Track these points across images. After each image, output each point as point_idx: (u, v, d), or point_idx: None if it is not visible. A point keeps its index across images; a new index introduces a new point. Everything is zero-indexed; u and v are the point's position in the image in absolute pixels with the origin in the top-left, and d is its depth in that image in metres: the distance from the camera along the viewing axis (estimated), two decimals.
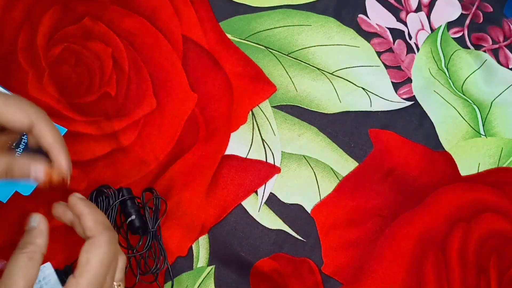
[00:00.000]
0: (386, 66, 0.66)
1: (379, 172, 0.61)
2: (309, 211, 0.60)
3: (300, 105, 0.63)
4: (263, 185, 0.60)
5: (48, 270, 0.40)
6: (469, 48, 0.67)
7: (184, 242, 0.58)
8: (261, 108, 0.63)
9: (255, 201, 0.60)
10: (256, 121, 0.62)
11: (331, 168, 0.61)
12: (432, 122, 0.64)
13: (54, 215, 0.44)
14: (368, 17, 0.67)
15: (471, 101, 0.65)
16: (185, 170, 0.60)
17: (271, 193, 0.60)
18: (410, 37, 0.67)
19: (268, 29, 0.65)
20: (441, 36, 0.68)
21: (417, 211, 0.60)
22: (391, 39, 0.67)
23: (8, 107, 0.38)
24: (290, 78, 0.64)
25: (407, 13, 0.68)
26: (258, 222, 0.59)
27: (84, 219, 0.41)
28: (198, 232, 0.58)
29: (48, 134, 0.40)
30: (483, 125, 0.64)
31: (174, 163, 0.60)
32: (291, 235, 0.59)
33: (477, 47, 0.68)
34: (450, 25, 0.68)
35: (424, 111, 0.64)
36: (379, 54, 0.66)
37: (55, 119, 0.59)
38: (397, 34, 0.67)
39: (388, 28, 0.67)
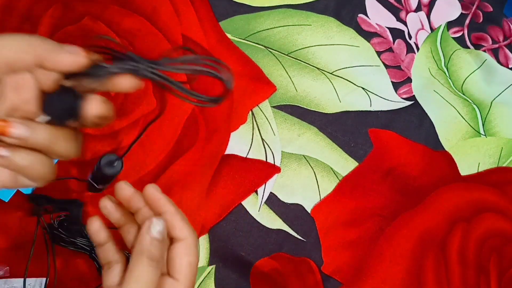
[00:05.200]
0: (386, 66, 0.66)
1: (379, 172, 0.61)
2: (309, 211, 0.60)
3: (300, 105, 0.63)
4: (263, 185, 0.60)
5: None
6: (469, 48, 0.67)
7: None
8: (261, 108, 0.63)
9: (255, 200, 0.60)
10: (256, 121, 0.62)
11: (331, 168, 0.61)
12: (432, 122, 0.64)
13: (102, 211, 0.38)
14: (368, 16, 0.67)
15: (471, 101, 0.65)
16: (185, 170, 0.59)
17: (271, 192, 0.60)
18: (410, 37, 0.67)
19: (268, 29, 0.65)
20: (441, 35, 0.68)
21: (417, 211, 0.60)
22: (391, 39, 0.67)
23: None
24: (290, 78, 0.64)
25: (407, 12, 0.68)
26: (258, 222, 0.59)
27: (173, 218, 0.37)
28: (198, 231, 0.58)
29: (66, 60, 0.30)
30: (483, 125, 0.64)
31: (174, 163, 0.60)
32: (291, 234, 0.59)
33: (477, 46, 0.68)
34: (450, 24, 0.68)
35: (424, 111, 0.64)
36: (379, 53, 0.66)
37: None
38: (397, 33, 0.67)
39: (388, 28, 0.67)
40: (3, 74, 0.29)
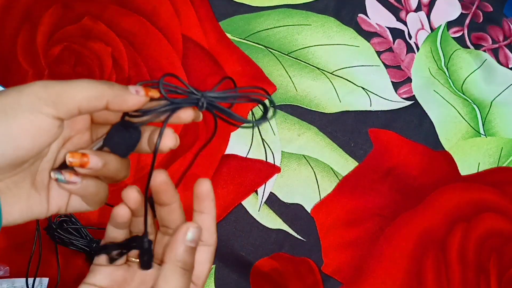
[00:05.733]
0: (386, 66, 0.66)
1: (379, 172, 0.61)
2: (309, 211, 0.60)
3: (300, 105, 0.63)
4: (263, 185, 0.60)
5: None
6: (469, 48, 0.67)
7: None
8: (261, 108, 0.63)
9: (255, 200, 0.60)
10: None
11: (331, 168, 0.61)
12: (432, 122, 0.64)
13: (125, 198, 0.34)
14: (368, 16, 0.67)
15: (471, 101, 0.65)
16: (185, 170, 0.59)
17: (271, 192, 0.60)
18: (410, 37, 0.67)
19: (268, 29, 0.65)
20: (441, 35, 0.68)
21: (417, 211, 0.60)
22: (391, 39, 0.67)
23: (71, 84, 0.29)
24: (290, 78, 0.64)
25: (407, 12, 0.68)
26: (258, 222, 0.59)
27: (212, 223, 0.36)
28: None
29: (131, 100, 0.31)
30: (483, 125, 0.64)
31: (174, 163, 0.60)
32: (291, 234, 0.59)
33: (477, 46, 0.68)
34: (450, 24, 0.68)
35: (424, 111, 0.64)
36: (379, 53, 0.66)
37: None
38: (397, 33, 0.67)
39: (388, 28, 0.67)
40: (72, 116, 0.30)
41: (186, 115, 0.33)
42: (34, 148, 0.29)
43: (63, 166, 0.32)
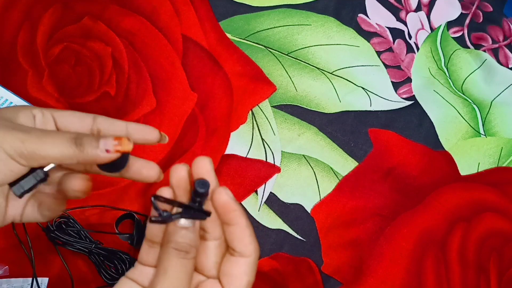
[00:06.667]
0: (386, 66, 0.66)
1: (379, 172, 0.61)
2: (309, 211, 0.60)
3: (300, 105, 0.63)
4: (263, 185, 0.60)
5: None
6: (469, 48, 0.67)
7: None
8: (261, 108, 0.63)
9: (255, 200, 0.60)
10: (256, 120, 0.62)
11: (331, 168, 0.61)
12: (432, 122, 0.64)
13: (173, 178, 0.32)
14: (368, 16, 0.67)
15: (471, 101, 0.65)
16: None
17: (271, 192, 0.60)
18: (410, 37, 0.67)
19: (268, 29, 0.65)
20: (441, 35, 0.68)
21: (417, 211, 0.60)
22: (391, 39, 0.67)
23: (46, 142, 0.31)
24: (290, 78, 0.64)
25: (407, 12, 0.68)
26: (258, 222, 0.59)
27: (243, 233, 0.33)
28: None
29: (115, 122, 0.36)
30: (483, 125, 0.64)
31: (174, 163, 0.60)
32: (291, 234, 0.59)
33: (477, 46, 0.68)
34: (450, 24, 0.68)
35: (424, 111, 0.64)
36: (379, 53, 0.66)
37: None
38: (397, 33, 0.67)
39: (388, 28, 0.67)
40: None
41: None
42: None
43: (28, 180, 0.32)
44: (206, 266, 0.33)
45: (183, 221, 0.31)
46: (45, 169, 0.32)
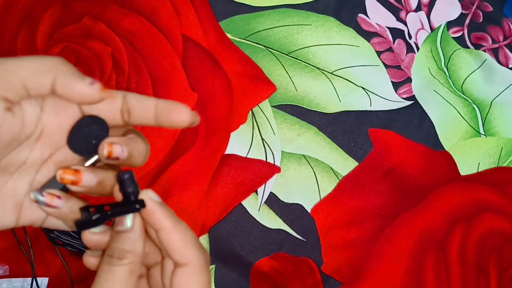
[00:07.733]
0: (386, 66, 0.66)
1: (379, 172, 0.61)
2: (309, 211, 0.60)
3: (300, 105, 0.63)
4: (263, 185, 0.60)
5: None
6: (469, 48, 0.67)
7: None
8: (261, 108, 0.63)
9: (255, 200, 0.60)
10: (256, 120, 0.62)
11: (331, 168, 0.61)
12: (432, 122, 0.64)
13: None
14: (368, 16, 0.67)
15: (471, 101, 0.65)
16: (185, 170, 0.59)
17: (271, 192, 0.60)
18: (410, 37, 0.67)
19: (268, 29, 0.65)
20: (441, 35, 0.68)
21: (417, 211, 0.60)
22: (391, 39, 0.67)
23: (18, 59, 0.27)
24: (290, 78, 0.64)
25: (407, 12, 0.68)
26: (258, 222, 0.59)
27: (170, 238, 0.29)
28: (198, 231, 0.58)
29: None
30: (483, 125, 0.64)
31: (174, 163, 0.60)
32: (291, 234, 0.59)
33: (477, 46, 0.68)
34: (450, 24, 0.68)
35: (424, 111, 0.64)
36: (379, 53, 0.66)
37: None
38: (397, 33, 0.67)
39: (388, 28, 0.67)
40: (21, 98, 0.27)
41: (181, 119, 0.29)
42: None
43: (52, 185, 0.30)
44: (165, 284, 0.31)
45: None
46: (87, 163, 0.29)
